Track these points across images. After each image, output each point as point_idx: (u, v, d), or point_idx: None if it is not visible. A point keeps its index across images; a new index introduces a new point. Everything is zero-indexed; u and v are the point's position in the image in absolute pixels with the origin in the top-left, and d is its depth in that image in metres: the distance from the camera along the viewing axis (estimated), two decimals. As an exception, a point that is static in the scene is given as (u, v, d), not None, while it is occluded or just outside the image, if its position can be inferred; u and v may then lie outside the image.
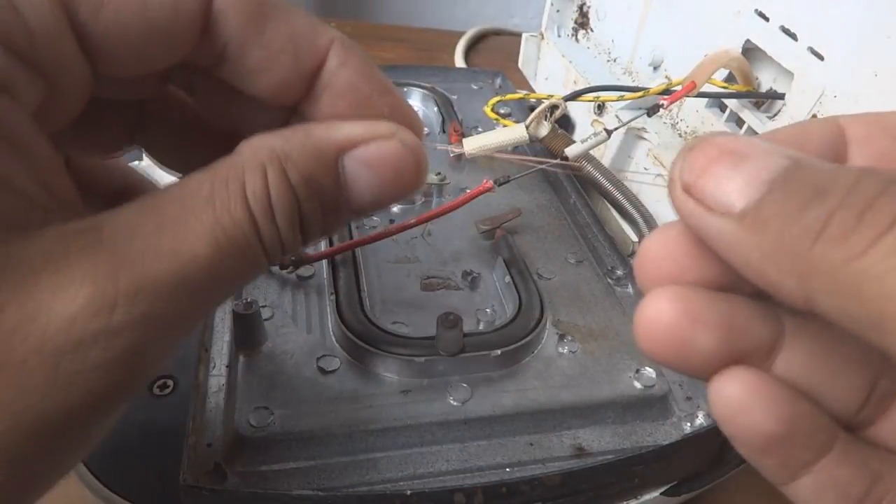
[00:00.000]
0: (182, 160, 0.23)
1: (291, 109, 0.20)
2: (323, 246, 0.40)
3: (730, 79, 0.46)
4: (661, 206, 0.48)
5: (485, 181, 0.37)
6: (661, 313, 0.15)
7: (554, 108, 0.48)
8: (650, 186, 0.50)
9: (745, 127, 0.45)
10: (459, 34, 0.89)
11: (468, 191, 0.37)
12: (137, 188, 0.24)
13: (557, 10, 0.69)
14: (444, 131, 0.53)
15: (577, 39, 0.69)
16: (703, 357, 0.14)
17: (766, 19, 0.43)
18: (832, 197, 0.12)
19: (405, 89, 0.58)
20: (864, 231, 0.11)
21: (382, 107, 0.19)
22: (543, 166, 0.42)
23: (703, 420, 0.32)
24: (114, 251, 0.15)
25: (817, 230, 0.12)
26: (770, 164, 0.13)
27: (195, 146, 0.23)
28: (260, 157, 0.17)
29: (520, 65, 0.75)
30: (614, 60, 0.63)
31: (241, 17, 0.18)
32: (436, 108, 0.56)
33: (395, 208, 0.45)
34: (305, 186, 0.17)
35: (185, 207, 0.16)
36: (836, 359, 0.15)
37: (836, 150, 0.16)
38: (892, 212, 0.11)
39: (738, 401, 0.14)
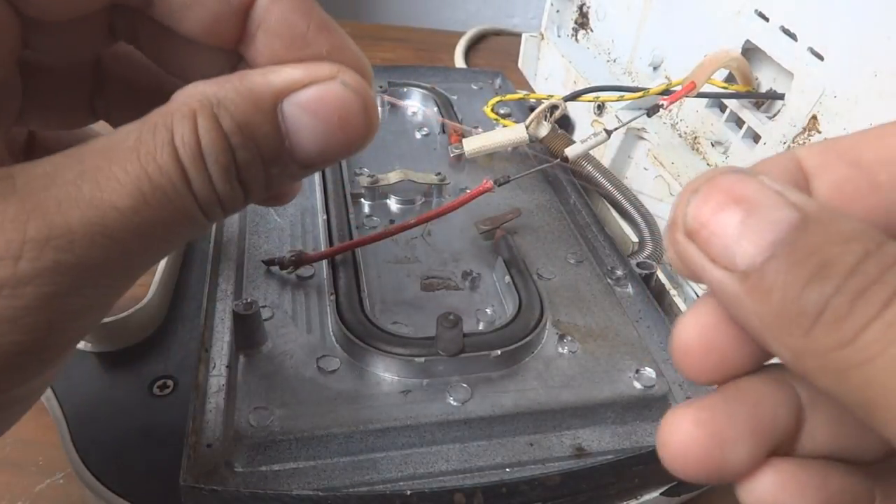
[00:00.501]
0: None
1: (237, 57, 0.19)
2: (323, 246, 0.40)
3: (730, 79, 0.46)
4: (661, 207, 0.48)
5: (485, 181, 0.37)
6: (689, 442, 0.14)
7: (554, 108, 0.48)
8: (650, 186, 0.50)
9: (744, 127, 0.45)
10: (459, 34, 0.89)
11: (468, 191, 0.37)
12: None
13: (557, 11, 0.69)
14: (444, 131, 0.53)
15: (577, 39, 0.69)
16: (736, 469, 0.14)
17: (766, 19, 0.43)
18: (832, 279, 0.12)
19: (405, 89, 0.58)
20: (854, 318, 0.12)
21: (322, 45, 0.18)
22: (543, 167, 0.42)
23: (703, 420, 0.32)
24: (25, 198, 0.15)
25: (815, 314, 0.12)
26: (778, 220, 0.13)
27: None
28: (191, 103, 0.16)
29: (520, 65, 0.75)
30: (614, 61, 0.63)
31: None
32: (436, 108, 0.56)
33: (395, 208, 0.45)
34: (240, 133, 0.16)
35: (108, 156, 0.15)
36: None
37: (796, 185, 0.15)
38: (880, 300, 0.11)
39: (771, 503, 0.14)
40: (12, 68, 0.19)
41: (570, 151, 0.42)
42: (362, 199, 0.45)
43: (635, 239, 0.46)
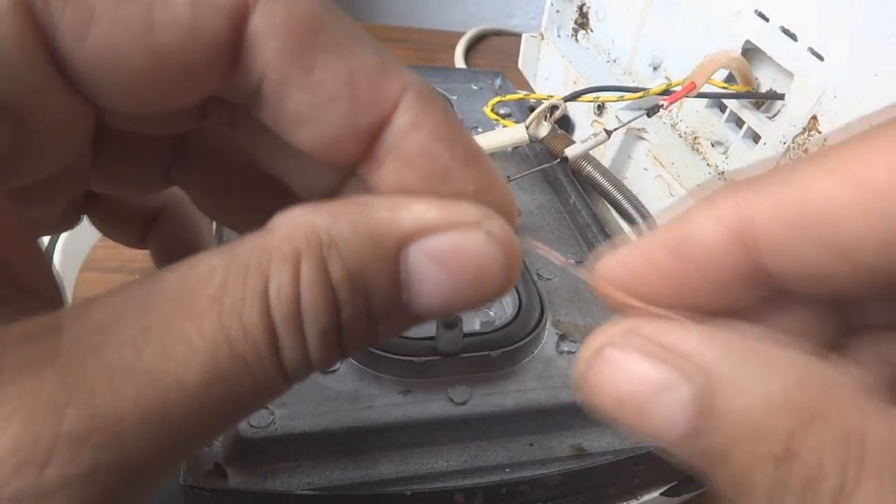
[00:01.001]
0: (225, 206, 0.20)
1: (351, 171, 0.16)
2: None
3: (730, 79, 0.46)
4: (660, 207, 0.48)
5: (485, 181, 0.36)
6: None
7: (554, 108, 0.48)
8: (650, 186, 0.50)
9: (745, 127, 0.45)
10: (459, 34, 0.89)
11: (468, 191, 0.37)
12: (177, 209, 0.21)
13: (557, 11, 0.69)
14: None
15: (576, 40, 0.69)
16: None
17: (766, 20, 0.43)
18: None
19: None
20: None
21: (466, 182, 0.14)
22: (543, 167, 0.42)
23: (703, 420, 0.32)
24: (68, 367, 0.11)
25: None
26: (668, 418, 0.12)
27: (240, 191, 0.19)
28: (296, 240, 0.12)
29: (520, 65, 0.75)
30: (614, 61, 0.63)
31: (283, 45, 0.13)
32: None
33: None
34: (350, 285, 0.13)
35: (182, 306, 0.12)
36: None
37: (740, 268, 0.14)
38: None
39: None
40: (83, 150, 0.16)
41: (570, 151, 0.42)
42: (362, 200, 0.45)
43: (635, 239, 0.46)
